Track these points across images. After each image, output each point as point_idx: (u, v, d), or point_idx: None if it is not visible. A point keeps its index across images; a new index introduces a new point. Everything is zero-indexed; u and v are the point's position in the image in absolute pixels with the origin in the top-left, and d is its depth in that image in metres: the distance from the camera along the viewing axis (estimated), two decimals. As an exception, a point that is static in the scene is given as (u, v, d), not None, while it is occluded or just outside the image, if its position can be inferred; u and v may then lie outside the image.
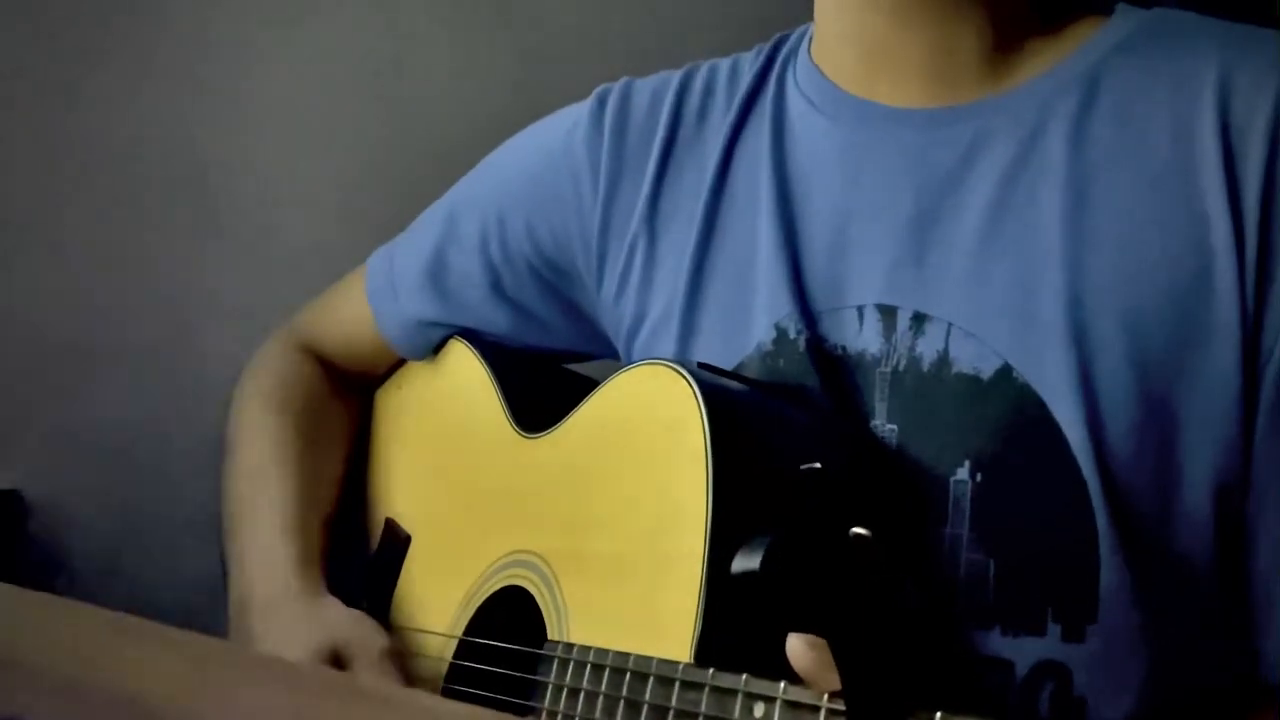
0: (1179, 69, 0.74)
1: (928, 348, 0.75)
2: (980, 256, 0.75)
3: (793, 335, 0.79)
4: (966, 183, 0.77)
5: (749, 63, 0.91)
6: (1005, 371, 0.73)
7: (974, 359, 0.74)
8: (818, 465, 0.56)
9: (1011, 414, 0.72)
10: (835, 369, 0.78)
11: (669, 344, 0.85)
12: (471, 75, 1.51)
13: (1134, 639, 0.71)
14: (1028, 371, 0.72)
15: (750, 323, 0.81)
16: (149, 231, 1.44)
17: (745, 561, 0.52)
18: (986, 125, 0.77)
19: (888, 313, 0.77)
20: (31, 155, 1.40)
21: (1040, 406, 0.71)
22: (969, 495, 0.72)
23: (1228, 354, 0.70)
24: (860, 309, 0.78)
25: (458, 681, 0.86)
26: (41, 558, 1.39)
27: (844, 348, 0.78)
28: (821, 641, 0.55)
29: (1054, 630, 0.71)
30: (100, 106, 1.41)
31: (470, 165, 1.01)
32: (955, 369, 0.74)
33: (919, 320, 0.76)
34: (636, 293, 0.89)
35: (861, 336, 0.77)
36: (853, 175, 0.81)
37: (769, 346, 0.80)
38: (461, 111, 1.48)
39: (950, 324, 0.75)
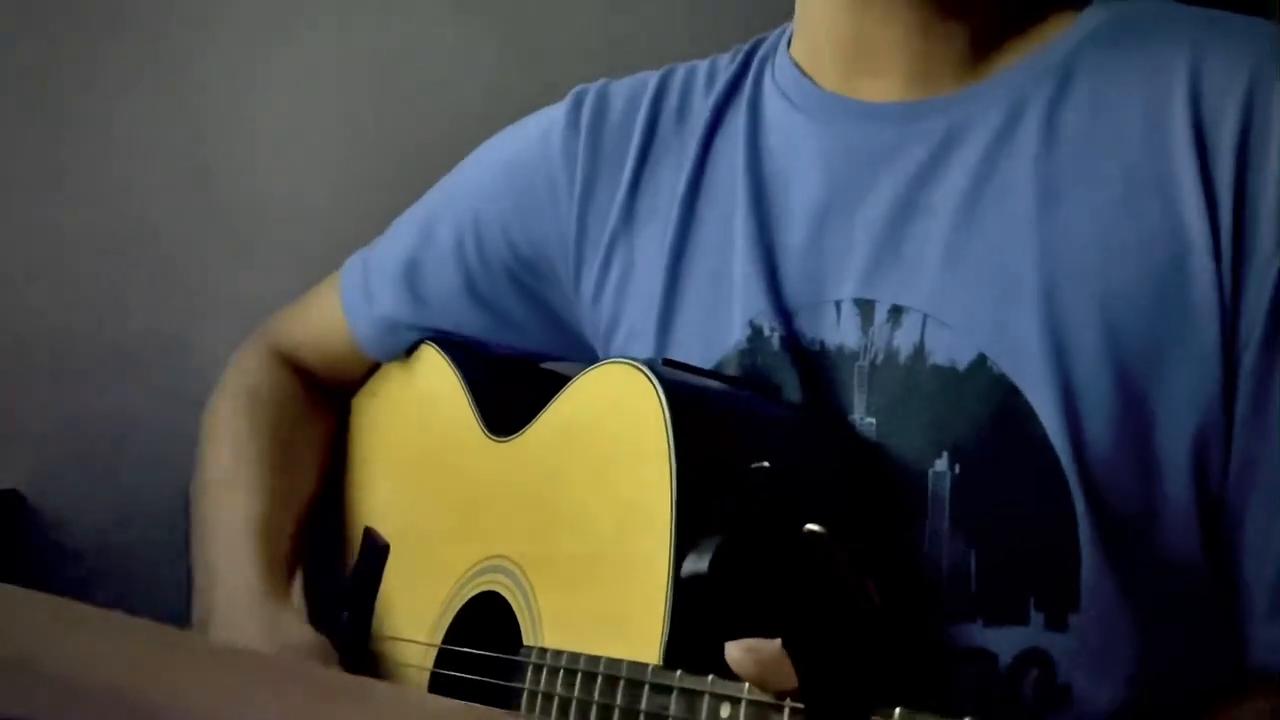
0: (1151, 58, 0.74)
1: (904, 340, 0.75)
2: (955, 247, 0.75)
3: (767, 332, 0.79)
4: (941, 175, 0.77)
5: (725, 65, 0.91)
6: (980, 361, 0.72)
7: (949, 350, 0.73)
8: (766, 464, 0.55)
9: (988, 404, 0.72)
10: (812, 365, 0.78)
11: (647, 345, 0.85)
12: (470, 75, 1.50)
13: (1118, 626, 0.71)
14: (1003, 361, 0.72)
15: (729, 322, 0.81)
16: (149, 231, 1.43)
17: (694, 564, 0.51)
18: (960, 117, 0.78)
19: (865, 306, 0.77)
20: (31, 154, 1.40)
21: (1016, 395, 0.71)
22: (948, 486, 0.72)
23: (1207, 341, 0.70)
24: (838, 303, 0.78)
25: (440, 689, 0.85)
26: (41, 558, 1.39)
27: (822, 343, 0.78)
28: (758, 644, 0.55)
29: (1037, 619, 0.71)
30: (99, 105, 1.42)
31: (467, 166, 1.01)
32: (931, 360, 0.74)
33: (896, 313, 0.76)
34: (614, 294, 0.89)
35: (839, 331, 0.77)
36: (830, 172, 0.81)
37: (745, 345, 0.80)
38: (460, 112, 1.47)
39: (926, 315, 0.74)
